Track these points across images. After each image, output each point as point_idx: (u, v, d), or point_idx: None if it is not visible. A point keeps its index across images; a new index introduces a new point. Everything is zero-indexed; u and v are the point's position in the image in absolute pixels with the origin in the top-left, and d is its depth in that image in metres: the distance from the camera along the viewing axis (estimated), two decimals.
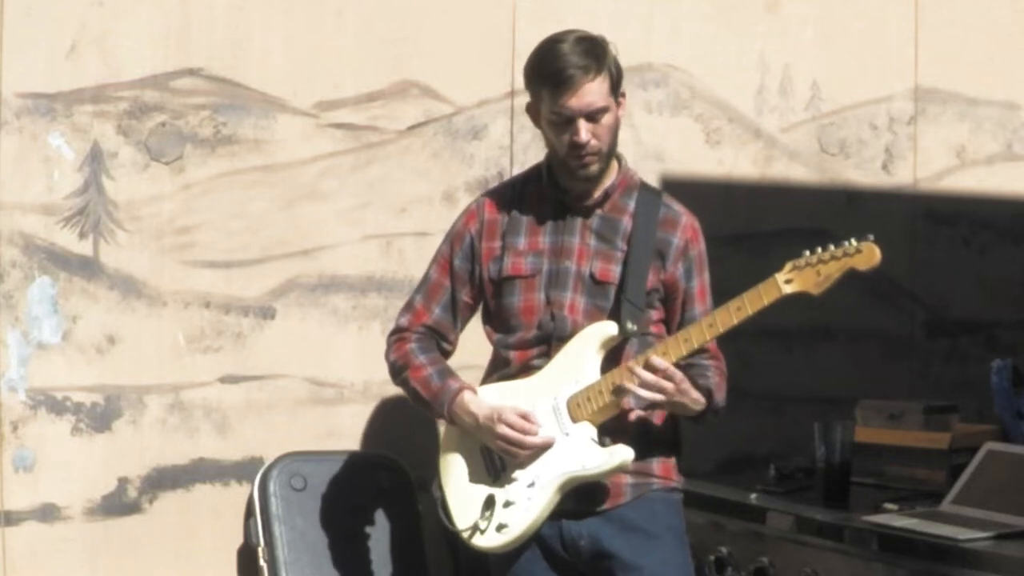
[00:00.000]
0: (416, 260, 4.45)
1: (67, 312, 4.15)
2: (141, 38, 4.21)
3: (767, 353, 3.52)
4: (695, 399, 3.54)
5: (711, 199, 3.83)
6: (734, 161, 4.89)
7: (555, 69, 3.50)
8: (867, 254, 3.41)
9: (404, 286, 4.43)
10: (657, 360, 3.46)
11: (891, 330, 5.07)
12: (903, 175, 5.10)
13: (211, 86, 4.28)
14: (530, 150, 4.53)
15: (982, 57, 5.18)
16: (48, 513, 4.12)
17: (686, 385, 3.50)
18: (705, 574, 4.08)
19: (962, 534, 3.61)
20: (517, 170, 4.50)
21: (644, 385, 3.46)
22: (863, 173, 5.05)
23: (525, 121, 4.36)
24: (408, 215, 4.49)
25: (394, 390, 4.34)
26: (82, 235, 4.17)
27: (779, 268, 3.48)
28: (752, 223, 4.84)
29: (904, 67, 5.10)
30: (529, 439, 3.52)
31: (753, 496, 4.19)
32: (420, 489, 4.33)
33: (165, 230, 4.25)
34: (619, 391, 3.50)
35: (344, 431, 4.41)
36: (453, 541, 4.28)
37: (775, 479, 4.32)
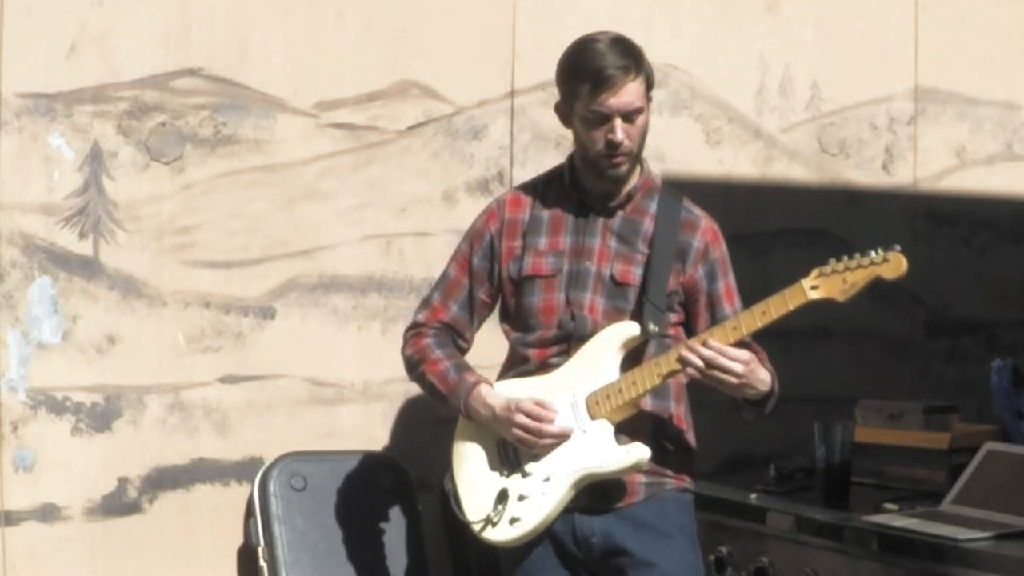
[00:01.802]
0: (416, 260, 4.45)
1: (67, 312, 4.15)
2: (141, 38, 4.20)
3: (767, 353, 3.52)
4: (762, 379, 3.51)
5: (711, 199, 3.81)
6: (734, 161, 4.89)
7: (596, 67, 3.50)
8: (894, 263, 3.41)
9: (404, 286, 4.43)
10: (714, 343, 3.44)
11: (891, 330, 5.07)
12: (903, 175, 5.10)
13: (211, 86, 4.28)
14: (530, 150, 4.53)
15: (982, 57, 5.17)
16: (48, 513, 4.12)
17: (755, 364, 3.48)
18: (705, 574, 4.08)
19: (962, 534, 3.60)
20: (517, 170, 4.50)
21: (710, 363, 3.42)
22: (863, 173, 5.05)
23: (525, 121, 4.35)
24: (408, 215, 4.48)
25: (394, 390, 4.36)
26: (82, 235, 4.16)
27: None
28: (752, 223, 4.84)
29: (904, 67, 5.09)
30: (547, 427, 3.51)
31: (753, 496, 4.19)
32: (420, 489, 4.33)
33: (165, 230, 4.25)
34: (682, 363, 3.44)
35: (344, 431, 4.41)
36: (453, 541, 4.30)
37: (775, 479, 4.32)
